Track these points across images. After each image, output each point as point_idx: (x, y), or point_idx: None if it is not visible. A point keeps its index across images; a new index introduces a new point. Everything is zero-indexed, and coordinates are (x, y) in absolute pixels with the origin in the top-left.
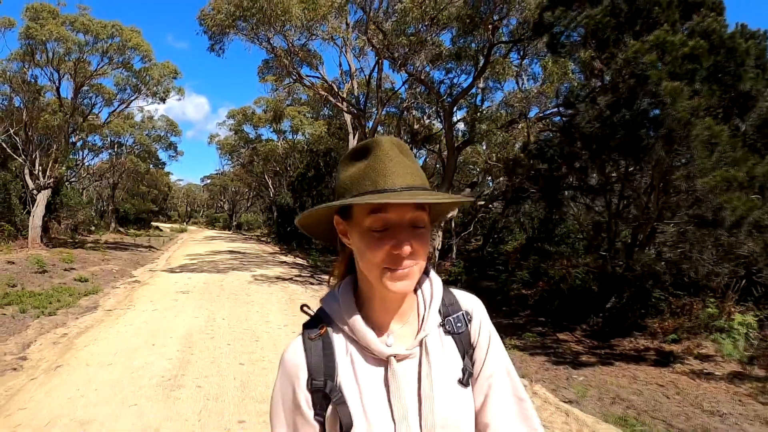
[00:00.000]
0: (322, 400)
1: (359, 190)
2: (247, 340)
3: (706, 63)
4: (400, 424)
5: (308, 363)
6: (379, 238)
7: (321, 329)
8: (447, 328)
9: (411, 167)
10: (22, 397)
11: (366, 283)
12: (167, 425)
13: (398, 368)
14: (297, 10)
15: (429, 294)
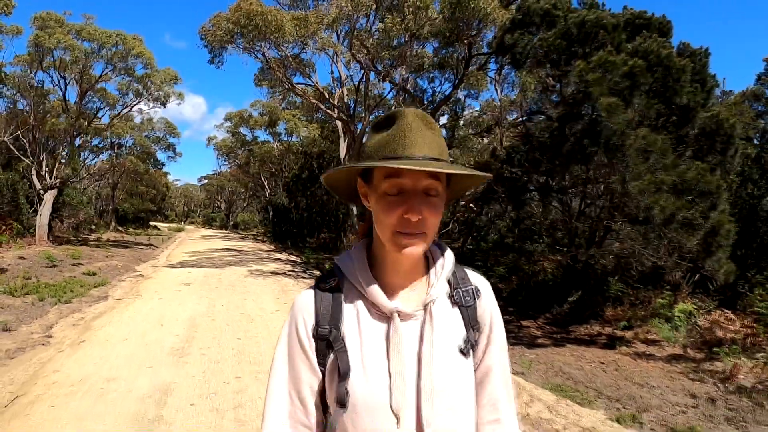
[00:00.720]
0: (326, 348)
1: (380, 156)
2: (243, 321)
3: (643, 80)
4: (396, 378)
5: (316, 310)
6: (393, 202)
7: (333, 281)
8: (455, 299)
9: (432, 138)
10: (54, 365)
11: (379, 244)
12: (178, 380)
13: (401, 326)
14: (289, 27)
15: (440, 264)
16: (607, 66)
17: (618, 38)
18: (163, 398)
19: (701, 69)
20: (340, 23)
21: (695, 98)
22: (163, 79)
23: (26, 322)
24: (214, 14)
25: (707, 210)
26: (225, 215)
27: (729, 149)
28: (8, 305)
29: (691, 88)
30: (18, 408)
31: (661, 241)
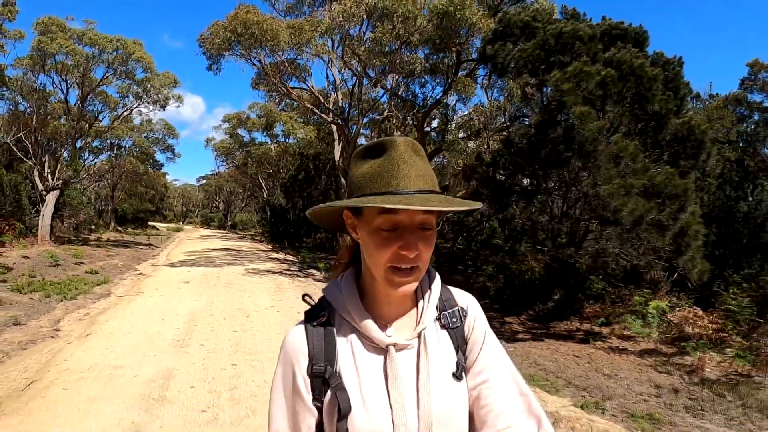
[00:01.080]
0: (321, 385)
1: (372, 189)
2: (240, 316)
3: (615, 89)
4: (397, 411)
5: (309, 348)
6: (388, 238)
7: (323, 316)
8: (443, 322)
9: (424, 170)
10: (64, 354)
11: (369, 276)
12: (179, 367)
13: (397, 357)
14: (284, 34)
15: (428, 290)
16: (581, 76)
17: (594, 48)
18: (166, 382)
19: (674, 77)
20: (333, 32)
21: (668, 105)
22: (163, 82)
23: (35, 317)
24: (212, 22)
25: (676, 212)
26: (223, 215)
27: (701, 153)
28: (16, 301)
29: (663, 96)
30: (34, 391)
31: (634, 242)
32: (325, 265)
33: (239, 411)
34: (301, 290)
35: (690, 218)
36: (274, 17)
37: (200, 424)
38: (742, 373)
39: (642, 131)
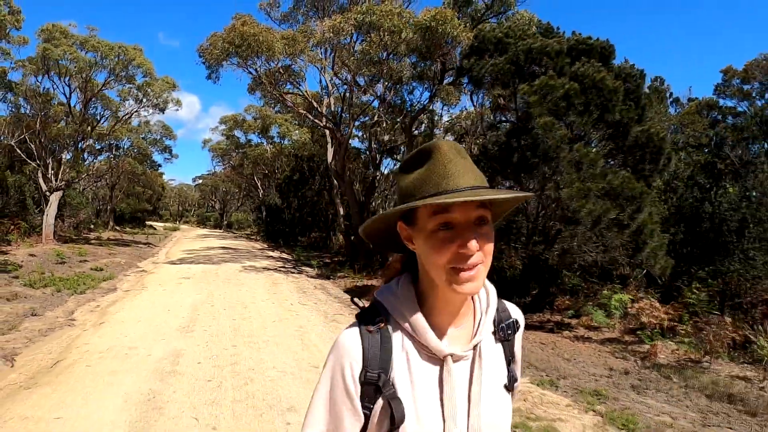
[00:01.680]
0: (373, 393)
1: (422, 193)
2: (238, 307)
3: (578, 100)
4: (449, 423)
5: (364, 353)
6: (445, 239)
7: (380, 322)
8: (500, 335)
9: (471, 168)
10: (82, 339)
11: (428, 284)
12: (186, 348)
13: (453, 369)
14: (279, 45)
15: (485, 300)
16: (547, 89)
17: (561, 63)
18: (176, 359)
19: (636, 89)
20: (323, 44)
21: (629, 114)
22: (162, 87)
23: (50, 309)
24: (211, 34)
25: (634, 212)
26: (219, 215)
27: (660, 158)
28: (30, 295)
29: (624, 106)
30: (61, 368)
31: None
32: (318, 263)
33: (239, 380)
34: (297, 287)
35: (646, 218)
36: (270, 28)
37: (207, 390)
38: (694, 359)
39: (606, 139)
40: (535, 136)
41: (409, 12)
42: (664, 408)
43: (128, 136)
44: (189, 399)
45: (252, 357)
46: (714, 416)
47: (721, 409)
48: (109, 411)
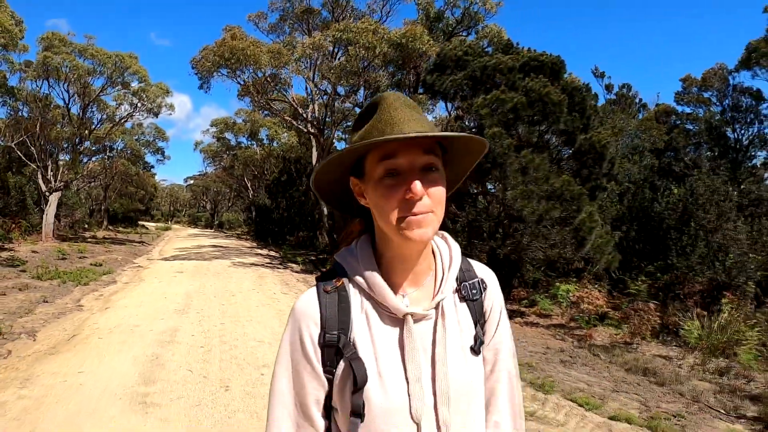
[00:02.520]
0: (334, 355)
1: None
2: (226, 295)
3: (525, 113)
4: (414, 384)
5: (322, 315)
6: (392, 185)
7: (337, 281)
8: (462, 294)
9: (418, 117)
10: (91, 320)
11: (384, 240)
12: (182, 325)
13: (414, 328)
14: (265, 59)
15: (448, 258)
16: (498, 102)
17: (513, 78)
18: (174, 333)
19: (581, 101)
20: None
21: (574, 124)
22: (156, 92)
23: (59, 297)
24: (203, 47)
25: (574, 212)
26: (210, 215)
27: (603, 163)
28: (39, 286)
29: (569, 117)
30: (77, 340)
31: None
32: (303, 260)
33: (226, 347)
34: (281, 280)
35: (585, 217)
36: (257, 41)
37: (199, 353)
38: (628, 341)
39: (555, 146)
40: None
41: (384, 28)
42: (584, 377)
43: (122, 138)
44: (185, 359)
45: (237, 331)
46: (626, 385)
47: (635, 380)
48: (122, 367)
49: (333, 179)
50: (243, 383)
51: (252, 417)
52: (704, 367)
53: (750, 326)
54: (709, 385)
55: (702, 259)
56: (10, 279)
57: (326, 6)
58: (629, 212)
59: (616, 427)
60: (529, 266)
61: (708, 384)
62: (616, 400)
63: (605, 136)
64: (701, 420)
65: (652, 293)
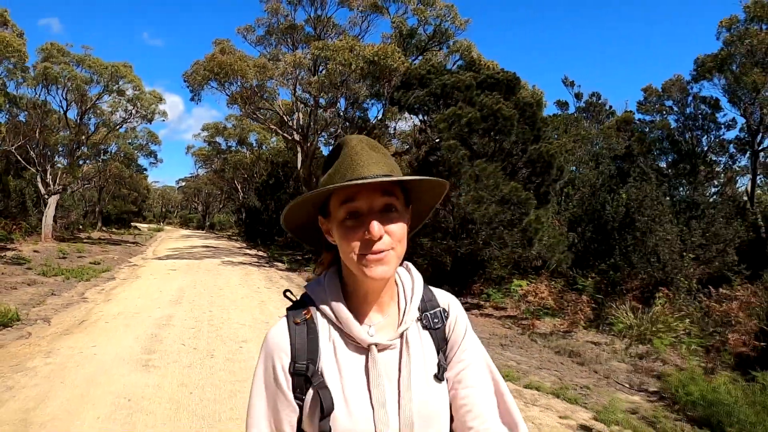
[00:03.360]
0: (303, 383)
1: (330, 185)
2: (215, 289)
3: (479, 126)
4: (379, 410)
5: (292, 346)
6: (352, 227)
7: (306, 314)
8: (424, 323)
9: (380, 159)
10: (96, 309)
11: (349, 274)
12: (176, 313)
13: (379, 358)
14: (251, 73)
15: (410, 289)
16: (454, 117)
17: (470, 95)
18: (169, 319)
19: (532, 115)
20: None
21: (524, 136)
22: (150, 100)
23: (65, 291)
24: (194, 62)
25: (522, 215)
26: (202, 216)
27: (551, 171)
28: (45, 282)
29: (520, 130)
30: (86, 324)
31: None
32: (288, 259)
33: (212, 328)
34: (265, 276)
35: (532, 219)
36: (244, 56)
37: (191, 332)
38: (567, 330)
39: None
40: (443, 154)
41: (361, 46)
42: (516, 357)
43: (116, 142)
44: (179, 336)
45: (223, 316)
46: (550, 363)
47: (559, 361)
48: (127, 342)
49: (304, 217)
50: (225, 352)
51: (230, 374)
52: (627, 352)
53: (678, 318)
54: (626, 366)
55: (640, 258)
56: (18, 275)
57: (309, 22)
58: (585, 215)
59: (526, 392)
60: (496, 264)
61: (625, 365)
62: (536, 375)
63: (554, 147)
64: (604, 391)
65: (600, 288)
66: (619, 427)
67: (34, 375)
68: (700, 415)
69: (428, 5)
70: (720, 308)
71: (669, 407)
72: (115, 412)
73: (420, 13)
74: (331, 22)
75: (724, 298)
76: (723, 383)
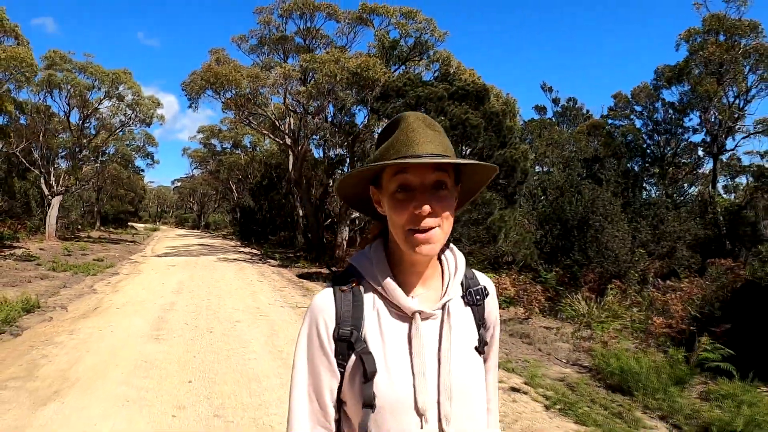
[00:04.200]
0: (346, 349)
1: (386, 158)
2: (212, 281)
3: (449, 134)
4: (419, 378)
5: (337, 311)
6: (403, 200)
7: (353, 282)
8: (468, 299)
9: (434, 137)
10: (106, 299)
11: (396, 246)
12: (178, 300)
13: (422, 326)
14: (245, 82)
15: (453, 265)
16: None
17: (442, 105)
18: (172, 305)
19: (498, 124)
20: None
21: (491, 142)
22: (149, 106)
23: (75, 284)
24: (191, 72)
25: (487, 214)
26: (197, 216)
27: (515, 174)
28: (56, 276)
29: (487, 137)
30: (100, 310)
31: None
32: (281, 256)
33: (210, 312)
34: (258, 271)
35: (496, 218)
36: (239, 65)
37: (191, 315)
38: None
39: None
40: None
41: (346, 58)
42: None
43: (113, 144)
44: (182, 318)
45: (219, 303)
46: (503, 344)
47: (512, 341)
48: (138, 323)
49: (356, 187)
50: (222, 329)
51: (225, 344)
52: (574, 335)
53: (626, 306)
54: (568, 346)
55: (595, 253)
56: (30, 271)
57: (299, 33)
58: (554, 214)
59: None
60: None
61: (568, 345)
62: None
63: (518, 152)
64: (542, 365)
65: (564, 281)
66: (543, 389)
67: (63, 347)
68: (616, 383)
69: (410, 18)
70: (663, 298)
71: (594, 378)
72: (135, 369)
73: (401, 27)
74: (319, 33)
75: (670, 289)
76: (640, 358)
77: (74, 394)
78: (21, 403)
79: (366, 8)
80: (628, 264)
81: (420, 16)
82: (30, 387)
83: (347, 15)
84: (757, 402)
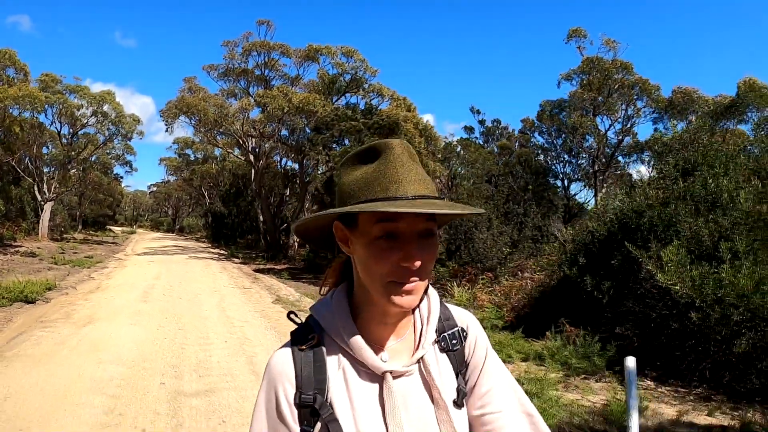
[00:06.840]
0: (310, 416)
1: (368, 196)
2: (183, 272)
3: None
4: None
5: (297, 375)
6: (387, 249)
7: (313, 339)
8: (442, 345)
9: (422, 174)
10: (103, 283)
11: (364, 294)
12: (157, 284)
13: (394, 385)
14: (211, 111)
15: (426, 310)
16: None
17: (360, 136)
18: (153, 286)
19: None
20: (237, 116)
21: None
22: (131, 124)
23: (76, 273)
24: (168, 101)
25: None
26: (172, 220)
27: None
28: (59, 268)
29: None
30: (100, 290)
31: None
32: (243, 256)
33: (182, 289)
34: (221, 266)
35: None
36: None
37: (167, 291)
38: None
39: None
40: None
41: (293, 92)
42: None
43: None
44: (161, 293)
45: (188, 286)
46: None
47: None
48: (131, 296)
49: (318, 224)
50: (187, 298)
51: (190, 305)
52: None
53: (487, 292)
54: None
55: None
56: (37, 264)
57: (259, 67)
58: (506, 215)
59: None
60: None
61: None
62: None
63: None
64: None
65: (454, 274)
66: None
67: (84, 306)
68: None
69: (349, 57)
70: (513, 286)
71: None
72: (134, 315)
73: (339, 66)
74: (276, 65)
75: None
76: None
77: (99, 323)
78: (70, 325)
79: (312, 48)
80: (498, 260)
81: (357, 56)
82: (71, 321)
83: (298, 53)
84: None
